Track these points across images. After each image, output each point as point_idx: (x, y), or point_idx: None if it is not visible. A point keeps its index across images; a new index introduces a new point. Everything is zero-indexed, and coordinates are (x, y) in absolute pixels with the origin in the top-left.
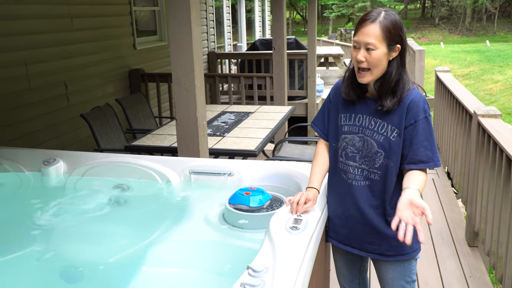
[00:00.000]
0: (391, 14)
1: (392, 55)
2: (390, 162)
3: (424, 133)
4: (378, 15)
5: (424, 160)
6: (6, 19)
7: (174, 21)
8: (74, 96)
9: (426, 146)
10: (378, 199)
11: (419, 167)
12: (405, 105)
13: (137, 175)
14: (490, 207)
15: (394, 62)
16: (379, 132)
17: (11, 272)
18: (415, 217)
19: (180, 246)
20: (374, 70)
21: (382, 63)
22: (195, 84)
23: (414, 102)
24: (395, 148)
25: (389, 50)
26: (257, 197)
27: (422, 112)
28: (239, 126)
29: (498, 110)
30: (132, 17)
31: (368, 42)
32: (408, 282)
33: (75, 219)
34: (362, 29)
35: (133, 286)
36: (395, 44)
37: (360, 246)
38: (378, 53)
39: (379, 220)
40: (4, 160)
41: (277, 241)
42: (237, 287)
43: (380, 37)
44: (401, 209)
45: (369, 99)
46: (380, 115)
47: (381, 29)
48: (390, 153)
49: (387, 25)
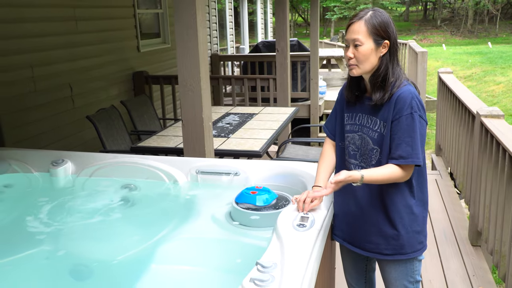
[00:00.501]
0: (378, 12)
1: (382, 51)
2: (384, 159)
3: (407, 128)
4: (366, 13)
5: (403, 156)
6: (12, 22)
7: (181, 24)
8: (79, 98)
9: (408, 142)
10: (375, 197)
11: (399, 162)
12: (393, 100)
13: (145, 175)
14: (493, 207)
15: (384, 58)
16: (373, 129)
17: (21, 271)
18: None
19: (188, 244)
20: (361, 65)
21: (370, 58)
22: (201, 86)
23: (401, 97)
24: (387, 143)
25: (376, 45)
26: (263, 196)
27: (408, 108)
28: (243, 127)
29: (500, 111)
30: (136, 19)
31: (354, 38)
32: (411, 282)
33: (84, 219)
34: (350, 27)
35: (142, 284)
36: (382, 40)
37: (360, 244)
38: (364, 49)
39: (377, 218)
40: (13, 161)
41: (284, 238)
42: (247, 283)
43: (366, 33)
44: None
45: (366, 98)
46: (374, 112)
47: (366, 26)
48: (384, 149)
49: (372, 22)
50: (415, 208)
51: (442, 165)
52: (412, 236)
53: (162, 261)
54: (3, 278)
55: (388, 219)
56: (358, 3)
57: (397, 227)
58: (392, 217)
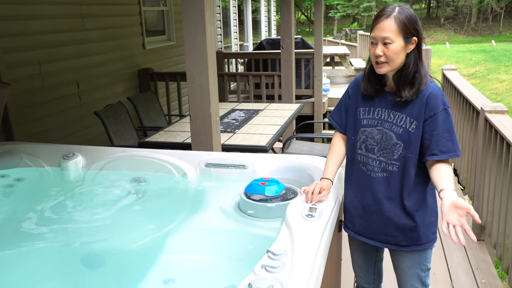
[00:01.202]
0: (405, 9)
1: (410, 48)
2: (409, 153)
3: (444, 124)
4: (393, 10)
5: (445, 151)
6: (20, 19)
7: (189, 20)
8: (86, 94)
9: (447, 137)
10: (395, 191)
11: (441, 157)
12: (424, 98)
13: (154, 168)
14: (497, 201)
15: (412, 55)
16: (397, 125)
17: (34, 261)
18: (461, 218)
19: (198, 235)
20: (391, 63)
21: (400, 56)
22: (209, 81)
23: (433, 94)
24: (414, 139)
25: (406, 43)
26: (272, 187)
27: (441, 104)
28: (249, 123)
29: (505, 106)
30: (142, 17)
31: (385, 37)
32: (423, 270)
33: (95, 211)
34: (378, 24)
35: (154, 272)
36: (411, 37)
37: (376, 237)
38: (395, 47)
39: (395, 211)
40: (25, 155)
41: (294, 227)
42: (258, 269)
43: (396, 31)
44: (446, 213)
45: (387, 93)
46: (399, 108)
47: (397, 23)
48: (410, 144)
49: (402, 19)
50: (429, 199)
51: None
52: (428, 226)
53: (173, 251)
54: (16, 268)
55: (405, 211)
56: (361, 1)
57: (414, 219)
58: (409, 210)
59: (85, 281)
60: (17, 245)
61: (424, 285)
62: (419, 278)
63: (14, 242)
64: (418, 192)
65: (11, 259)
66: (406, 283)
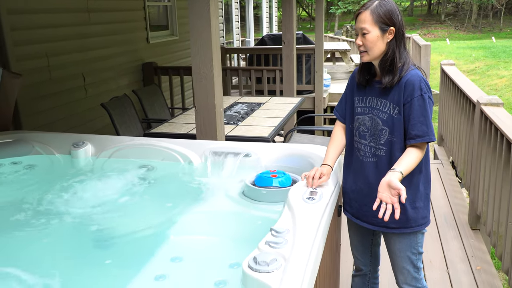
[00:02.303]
0: (383, 1)
1: (388, 37)
2: (394, 138)
3: (420, 109)
4: (372, 3)
5: (419, 135)
6: (29, 13)
7: (194, 13)
8: (91, 87)
9: (422, 122)
10: (383, 174)
11: (416, 141)
12: (402, 84)
13: (161, 156)
14: (492, 190)
15: (391, 44)
16: (383, 111)
17: (46, 244)
18: (393, 197)
19: (204, 217)
20: (370, 51)
21: (377, 44)
22: (213, 73)
23: (410, 81)
24: (397, 124)
25: (382, 33)
26: (281, 178)
27: (418, 90)
28: (251, 115)
29: (500, 99)
30: (146, 11)
31: (362, 27)
32: (414, 254)
33: (104, 196)
34: (358, 17)
35: (161, 251)
36: (387, 27)
37: (368, 219)
38: (371, 36)
39: None
40: (36, 143)
41: (295, 209)
42: (262, 245)
43: (371, 22)
44: (380, 191)
45: (376, 82)
46: (384, 95)
47: (371, 15)
48: (393, 129)
49: (377, 11)
50: (420, 185)
51: (444, 155)
52: (416, 211)
53: (180, 232)
54: (30, 249)
55: None
56: None
57: (402, 202)
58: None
59: (96, 260)
60: (30, 226)
61: (416, 268)
62: (410, 261)
63: (27, 224)
64: (407, 177)
65: (25, 240)
66: (398, 265)
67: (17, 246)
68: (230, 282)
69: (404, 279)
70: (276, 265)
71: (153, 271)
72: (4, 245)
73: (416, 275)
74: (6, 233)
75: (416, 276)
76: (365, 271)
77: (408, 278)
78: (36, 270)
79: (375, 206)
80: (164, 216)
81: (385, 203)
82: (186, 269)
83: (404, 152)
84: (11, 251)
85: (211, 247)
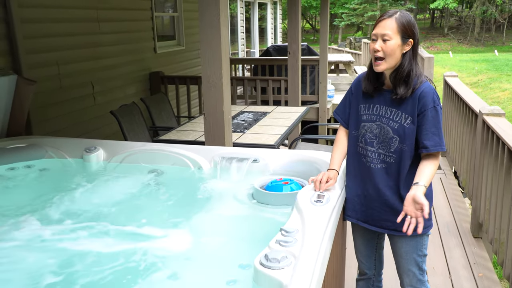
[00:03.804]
0: (406, 13)
1: (405, 48)
2: (404, 146)
3: (432, 120)
4: (395, 12)
5: (432, 145)
6: (42, 22)
7: (205, 23)
8: (100, 95)
9: (434, 132)
10: (393, 180)
11: (429, 150)
12: (417, 96)
13: (171, 161)
14: (494, 198)
15: (407, 55)
16: (393, 120)
17: (60, 243)
18: (417, 212)
19: (214, 220)
20: (388, 58)
21: (396, 53)
22: (222, 82)
23: (425, 92)
24: (409, 133)
25: (402, 43)
26: (292, 186)
27: (431, 102)
28: (257, 124)
29: (501, 109)
30: (153, 22)
31: (384, 33)
32: (420, 256)
33: (116, 198)
34: (380, 23)
35: (174, 253)
36: (408, 38)
37: (376, 223)
38: (392, 44)
39: (394, 198)
40: (49, 148)
41: (304, 210)
42: (273, 244)
43: (395, 30)
44: (406, 205)
45: (385, 90)
46: (395, 104)
47: (396, 23)
48: (404, 138)
49: (402, 21)
50: (428, 191)
51: (447, 165)
52: (408, 220)
53: (191, 234)
54: (42, 250)
55: (402, 199)
56: (366, 10)
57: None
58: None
59: (108, 261)
60: (45, 225)
61: (421, 270)
62: (416, 263)
63: (42, 223)
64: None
65: (40, 238)
66: (404, 267)
67: (31, 242)
68: (241, 281)
69: (409, 281)
70: (286, 262)
71: (165, 271)
72: (20, 245)
73: (421, 277)
74: (20, 233)
75: (421, 278)
76: (369, 275)
77: (413, 280)
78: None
79: (399, 219)
80: (176, 218)
81: (410, 216)
82: (197, 269)
83: (421, 164)
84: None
85: (221, 248)
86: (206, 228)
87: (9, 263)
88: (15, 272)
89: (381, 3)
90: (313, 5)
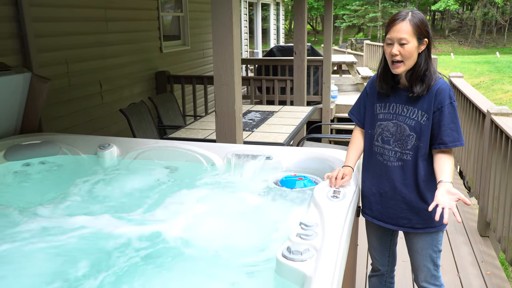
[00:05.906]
0: (417, 13)
1: (421, 48)
2: (420, 143)
3: (450, 116)
4: (407, 14)
5: (451, 140)
6: (52, 21)
7: (217, 22)
8: (107, 94)
9: (452, 128)
10: (410, 177)
11: (447, 146)
12: (433, 92)
13: (184, 158)
14: (502, 196)
15: (423, 54)
16: (410, 117)
17: (75, 236)
18: (451, 202)
19: (229, 215)
20: (406, 61)
21: (413, 55)
22: (234, 80)
23: (441, 89)
24: (425, 130)
25: (419, 44)
26: (303, 181)
27: (447, 98)
28: (265, 123)
29: (510, 109)
30: (160, 22)
31: (401, 38)
32: (435, 251)
33: (130, 194)
34: (394, 27)
35: (190, 247)
36: (423, 38)
37: (392, 220)
38: (410, 47)
39: (411, 196)
40: (63, 144)
41: (322, 205)
42: (294, 237)
43: (411, 33)
44: (439, 196)
45: (401, 89)
46: (411, 102)
47: (411, 25)
48: (421, 135)
49: (416, 22)
50: None
51: None
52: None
53: (208, 229)
54: (56, 244)
55: (419, 196)
56: (367, 12)
57: (428, 202)
58: (423, 194)
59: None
60: (60, 218)
61: (436, 265)
62: (431, 259)
63: (57, 217)
64: (431, 177)
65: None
66: (419, 263)
67: (47, 234)
68: (261, 273)
69: (424, 277)
70: (309, 254)
71: (183, 265)
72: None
73: (435, 272)
74: (37, 226)
75: (435, 274)
76: (382, 271)
77: (428, 276)
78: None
79: (431, 207)
80: (191, 213)
81: (443, 207)
82: (215, 262)
83: (439, 161)
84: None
85: (239, 241)
86: (223, 223)
87: (29, 253)
88: (35, 262)
89: (382, 5)
90: (314, 6)
